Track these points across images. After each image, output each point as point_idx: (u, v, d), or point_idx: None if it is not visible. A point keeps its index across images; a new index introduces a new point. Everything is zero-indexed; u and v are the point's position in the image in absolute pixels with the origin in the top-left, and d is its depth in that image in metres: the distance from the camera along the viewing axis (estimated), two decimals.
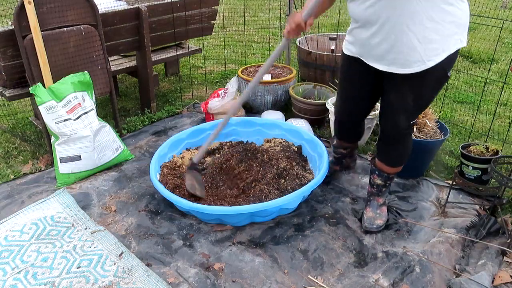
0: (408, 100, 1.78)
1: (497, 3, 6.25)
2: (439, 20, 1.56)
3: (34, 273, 1.83)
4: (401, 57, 1.65)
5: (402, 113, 1.84)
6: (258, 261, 1.90)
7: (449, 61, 1.68)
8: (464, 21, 1.64)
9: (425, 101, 1.85)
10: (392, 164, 2.05)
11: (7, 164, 2.66)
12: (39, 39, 2.28)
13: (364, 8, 1.66)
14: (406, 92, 1.77)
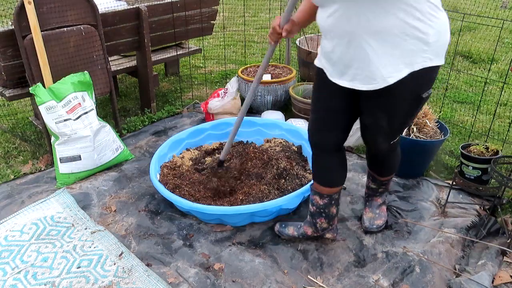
0: (381, 121, 1.65)
1: (497, 3, 6.25)
2: (400, 34, 1.42)
3: (34, 273, 1.83)
4: (361, 72, 1.51)
5: (379, 134, 1.73)
6: (258, 261, 1.90)
7: (417, 80, 1.52)
8: (435, 39, 1.47)
9: (399, 122, 1.69)
10: (382, 175, 2.04)
11: (7, 164, 2.66)
12: (39, 39, 2.28)
13: (325, 17, 1.53)
14: (377, 112, 1.64)
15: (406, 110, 1.64)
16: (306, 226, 1.99)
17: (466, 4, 4.66)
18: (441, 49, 1.53)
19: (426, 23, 1.43)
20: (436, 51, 1.50)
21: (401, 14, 1.40)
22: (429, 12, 1.43)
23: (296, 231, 2.00)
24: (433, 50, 1.49)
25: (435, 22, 1.45)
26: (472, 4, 4.24)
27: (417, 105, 1.65)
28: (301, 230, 1.99)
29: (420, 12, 1.41)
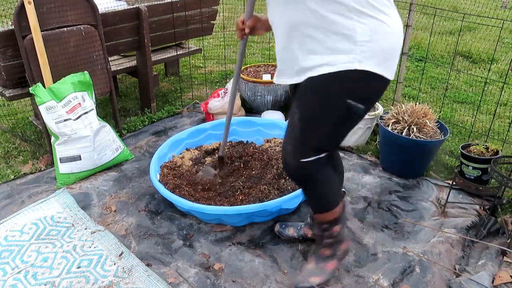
0: (295, 119, 1.46)
1: (497, 3, 6.25)
2: (323, 30, 1.32)
3: (34, 273, 1.83)
4: (287, 67, 1.45)
5: (289, 141, 1.50)
6: (258, 261, 1.90)
7: (339, 82, 1.36)
8: (365, 39, 1.31)
9: (313, 128, 1.45)
10: (311, 207, 1.70)
11: (7, 164, 2.66)
12: (39, 39, 2.28)
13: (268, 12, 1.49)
14: (293, 108, 1.49)
15: (323, 114, 1.42)
16: (306, 228, 1.98)
17: (466, 4, 4.66)
18: (376, 53, 1.34)
19: (352, 19, 1.30)
20: (367, 53, 1.32)
21: (313, 5, 1.30)
22: (357, 8, 1.29)
23: (296, 232, 1.99)
24: (363, 52, 1.32)
25: (368, 20, 1.31)
26: (472, 4, 4.24)
27: (341, 114, 1.41)
28: (301, 231, 1.99)
29: (343, 6, 1.29)
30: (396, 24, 1.38)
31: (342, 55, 1.33)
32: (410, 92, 3.74)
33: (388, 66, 1.38)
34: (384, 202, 2.30)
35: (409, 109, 2.46)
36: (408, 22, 2.89)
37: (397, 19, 1.39)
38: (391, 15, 1.36)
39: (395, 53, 1.40)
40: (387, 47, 1.36)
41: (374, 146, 2.85)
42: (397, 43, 1.39)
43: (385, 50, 1.35)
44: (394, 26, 1.37)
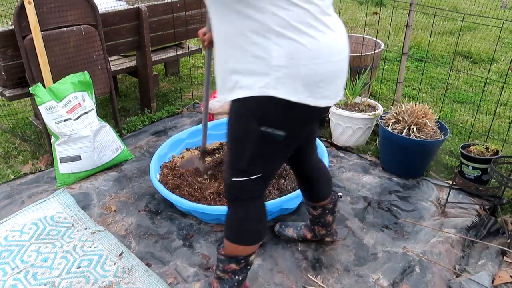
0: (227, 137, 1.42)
1: (497, 3, 6.25)
2: (243, 49, 1.21)
3: (34, 273, 1.83)
4: (219, 83, 1.35)
5: (226, 158, 1.47)
6: (257, 261, 1.90)
7: (254, 107, 1.26)
8: (281, 63, 1.17)
9: (234, 150, 1.40)
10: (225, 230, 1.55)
11: (7, 164, 2.66)
12: (39, 39, 2.28)
13: None
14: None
15: (243, 138, 1.34)
16: (306, 229, 1.98)
17: (466, 4, 4.66)
18: (292, 79, 1.19)
19: (271, 40, 1.17)
20: (281, 79, 1.19)
21: (235, 19, 1.19)
22: (276, 29, 1.15)
23: (295, 233, 1.99)
24: (278, 77, 1.19)
25: (286, 42, 1.16)
26: (472, 4, 4.24)
27: (259, 140, 1.31)
28: (301, 232, 1.99)
29: (262, 25, 1.16)
30: (325, 47, 1.21)
31: (258, 79, 1.21)
32: (410, 92, 3.74)
33: (313, 93, 1.22)
34: (384, 202, 2.30)
35: (409, 109, 2.46)
36: (408, 22, 2.89)
37: (330, 41, 1.22)
38: (319, 37, 1.19)
39: (324, 79, 1.23)
40: (308, 74, 1.20)
41: (374, 146, 2.85)
42: (323, 69, 1.22)
43: (306, 76, 1.20)
44: (320, 49, 1.20)
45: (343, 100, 2.92)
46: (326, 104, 1.28)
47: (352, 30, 5.55)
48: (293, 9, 1.15)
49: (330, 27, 1.23)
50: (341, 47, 1.27)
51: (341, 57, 1.27)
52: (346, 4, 6.91)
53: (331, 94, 1.28)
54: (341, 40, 1.28)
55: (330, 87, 1.26)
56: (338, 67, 1.27)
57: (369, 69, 3.07)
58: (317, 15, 1.19)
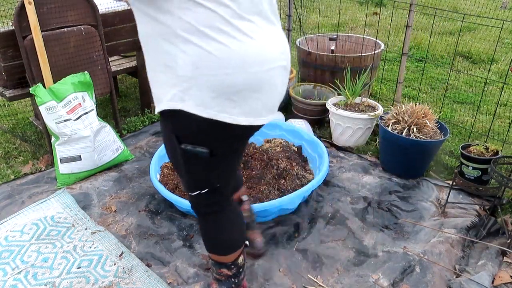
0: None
1: (497, 3, 6.25)
2: (155, 57, 1.10)
3: (34, 274, 1.83)
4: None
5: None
6: (257, 261, 1.90)
7: (169, 122, 1.16)
8: (187, 74, 1.04)
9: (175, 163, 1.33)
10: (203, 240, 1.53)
11: (7, 165, 2.66)
12: (39, 40, 2.28)
13: None
14: None
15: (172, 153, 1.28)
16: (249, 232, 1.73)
17: (466, 4, 4.66)
18: (202, 93, 1.06)
19: (178, 47, 1.04)
20: (189, 90, 1.06)
21: (147, 21, 1.07)
22: (182, 35, 1.02)
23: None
24: (185, 89, 1.06)
25: (192, 49, 1.03)
26: (472, 5, 4.24)
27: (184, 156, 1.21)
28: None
29: (170, 30, 1.03)
30: (238, 55, 1.05)
31: (167, 90, 1.09)
32: (410, 92, 3.74)
33: (226, 108, 1.08)
34: (384, 202, 2.30)
35: (409, 110, 2.46)
36: (408, 22, 2.89)
37: (247, 49, 1.06)
38: (231, 44, 1.04)
39: (237, 92, 1.07)
40: (216, 85, 1.05)
41: (374, 146, 2.85)
42: (236, 80, 1.06)
43: (214, 88, 1.06)
44: (230, 58, 1.04)
45: (343, 101, 2.92)
46: (248, 122, 1.12)
47: (352, 30, 5.55)
48: (200, 10, 1.00)
49: (247, 33, 1.06)
50: (264, 57, 1.10)
51: (264, 68, 1.10)
52: (346, 4, 6.92)
53: (254, 110, 1.13)
54: (266, 49, 1.10)
55: (249, 102, 1.10)
56: (258, 79, 1.09)
57: (369, 70, 3.07)
58: (229, 19, 1.03)
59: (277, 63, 1.14)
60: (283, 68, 1.17)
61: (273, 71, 1.13)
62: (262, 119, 1.16)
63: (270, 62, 1.11)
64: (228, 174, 1.36)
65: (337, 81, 3.08)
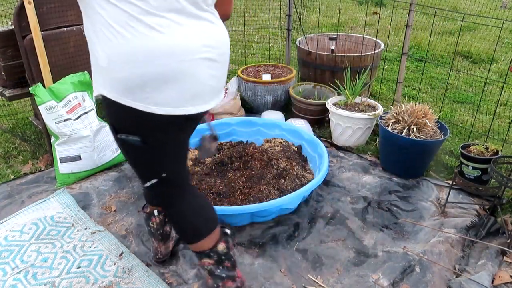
0: None
1: (497, 3, 6.25)
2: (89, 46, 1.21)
3: (34, 273, 1.83)
4: None
5: None
6: (258, 261, 1.90)
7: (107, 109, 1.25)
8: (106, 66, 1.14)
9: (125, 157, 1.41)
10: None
11: (7, 164, 2.66)
12: (39, 39, 2.28)
13: None
14: None
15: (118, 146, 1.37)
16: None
17: (466, 4, 4.66)
18: (117, 83, 1.15)
19: (98, 38, 1.15)
20: (109, 81, 1.16)
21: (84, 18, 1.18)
22: (99, 28, 1.13)
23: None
24: (105, 78, 1.16)
25: (105, 42, 1.13)
26: (472, 4, 4.24)
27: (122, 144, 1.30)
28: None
29: (92, 22, 1.15)
30: (145, 48, 1.12)
31: (96, 77, 1.21)
32: (410, 92, 3.74)
33: (139, 98, 1.15)
34: (384, 202, 2.30)
35: (409, 109, 2.46)
36: (408, 22, 2.89)
37: (155, 43, 1.12)
38: (139, 38, 1.11)
39: (147, 83, 1.14)
40: (125, 76, 1.13)
41: (374, 146, 2.85)
42: (145, 72, 1.12)
43: (124, 79, 1.14)
44: (137, 51, 1.12)
45: (343, 100, 2.92)
46: (164, 112, 1.18)
47: (352, 30, 5.55)
48: (110, 7, 1.10)
49: (155, 28, 1.11)
50: (175, 50, 1.14)
51: (175, 60, 1.14)
52: (346, 4, 6.92)
53: (170, 101, 1.18)
54: (180, 42, 1.15)
55: (162, 92, 1.16)
56: (168, 70, 1.14)
57: (369, 69, 3.07)
58: (137, 15, 1.10)
59: (197, 55, 1.19)
60: (207, 60, 1.21)
61: (190, 62, 1.17)
62: (183, 109, 1.21)
63: (184, 54, 1.16)
64: (172, 164, 1.39)
65: (337, 81, 3.08)
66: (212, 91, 1.28)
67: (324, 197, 2.35)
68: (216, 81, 1.28)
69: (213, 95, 1.29)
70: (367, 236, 2.07)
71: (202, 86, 1.23)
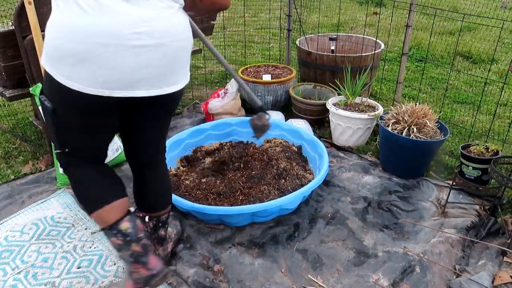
0: None
1: (497, 3, 6.25)
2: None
3: (34, 273, 1.83)
4: None
5: None
6: (258, 261, 1.90)
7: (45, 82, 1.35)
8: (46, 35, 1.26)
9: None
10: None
11: (7, 165, 2.66)
12: (39, 39, 2.28)
13: None
14: None
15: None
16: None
17: (466, 4, 4.66)
18: (45, 49, 1.27)
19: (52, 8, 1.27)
20: (44, 46, 1.28)
21: None
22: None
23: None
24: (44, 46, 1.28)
25: (53, 12, 1.25)
26: (472, 4, 4.24)
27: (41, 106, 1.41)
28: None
29: None
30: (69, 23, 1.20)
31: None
32: (410, 92, 3.74)
33: (58, 69, 1.24)
34: (384, 202, 2.30)
35: (409, 109, 2.46)
36: (408, 22, 2.89)
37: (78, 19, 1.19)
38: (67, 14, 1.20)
39: (65, 57, 1.22)
40: (50, 47, 1.25)
41: (374, 146, 2.85)
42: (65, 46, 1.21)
43: (50, 50, 1.25)
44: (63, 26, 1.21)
45: (343, 101, 2.92)
46: (76, 88, 1.23)
47: (352, 30, 5.55)
48: None
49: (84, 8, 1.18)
50: (96, 31, 1.19)
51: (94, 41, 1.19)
52: (346, 4, 6.92)
53: (83, 78, 1.23)
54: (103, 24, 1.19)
55: (77, 69, 1.22)
56: (85, 49, 1.20)
57: (369, 69, 3.07)
58: None
59: (123, 41, 1.21)
60: (137, 47, 1.23)
61: (110, 47, 1.20)
62: (95, 90, 1.24)
63: (105, 37, 1.19)
64: (77, 142, 1.44)
65: (337, 81, 3.08)
66: (141, 80, 1.28)
67: (324, 197, 2.35)
68: (149, 71, 1.28)
69: (148, 85, 1.30)
70: (367, 236, 2.07)
71: (120, 73, 1.24)
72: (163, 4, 1.29)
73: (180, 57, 1.37)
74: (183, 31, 1.35)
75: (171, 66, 1.34)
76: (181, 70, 1.40)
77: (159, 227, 1.78)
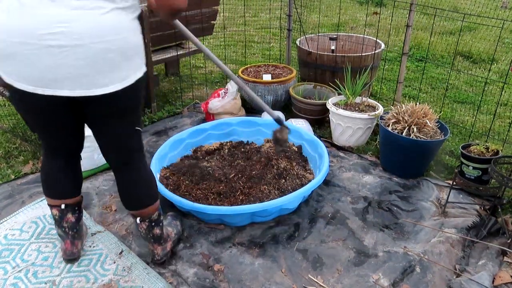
0: None
1: (497, 3, 6.25)
2: None
3: (34, 272, 1.83)
4: None
5: None
6: (258, 261, 1.90)
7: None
8: None
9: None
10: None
11: (7, 164, 2.66)
12: None
13: None
14: None
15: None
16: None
17: (466, 4, 4.67)
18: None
19: None
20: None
21: None
22: None
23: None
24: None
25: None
26: (472, 4, 4.24)
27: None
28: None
29: None
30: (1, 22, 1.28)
31: None
32: (410, 92, 3.74)
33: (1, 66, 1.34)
34: (384, 202, 2.30)
35: (409, 109, 2.46)
36: (408, 22, 2.89)
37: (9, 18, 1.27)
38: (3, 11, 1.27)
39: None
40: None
41: (374, 146, 2.85)
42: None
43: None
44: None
45: (344, 100, 2.92)
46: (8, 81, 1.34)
47: (352, 30, 5.56)
48: None
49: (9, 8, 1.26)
50: (12, 31, 1.26)
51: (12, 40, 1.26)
52: (346, 4, 6.92)
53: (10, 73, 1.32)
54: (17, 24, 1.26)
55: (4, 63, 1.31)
56: (5, 47, 1.28)
57: (369, 69, 3.07)
58: None
59: (39, 41, 1.26)
60: (53, 47, 1.27)
61: (28, 46, 1.26)
62: (18, 84, 1.33)
63: (21, 36, 1.26)
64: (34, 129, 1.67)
65: (337, 81, 3.08)
66: (63, 79, 1.32)
67: (324, 197, 2.35)
68: (69, 71, 1.31)
69: (72, 85, 1.33)
70: (367, 236, 2.07)
71: (39, 71, 1.30)
72: (92, 4, 1.28)
73: (106, 58, 1.33)
74: (110, 32, 1.31)
75: (96, 67, 1.32)
76: (111, 72, 1.36)
77: (153, 227, 1.79)
